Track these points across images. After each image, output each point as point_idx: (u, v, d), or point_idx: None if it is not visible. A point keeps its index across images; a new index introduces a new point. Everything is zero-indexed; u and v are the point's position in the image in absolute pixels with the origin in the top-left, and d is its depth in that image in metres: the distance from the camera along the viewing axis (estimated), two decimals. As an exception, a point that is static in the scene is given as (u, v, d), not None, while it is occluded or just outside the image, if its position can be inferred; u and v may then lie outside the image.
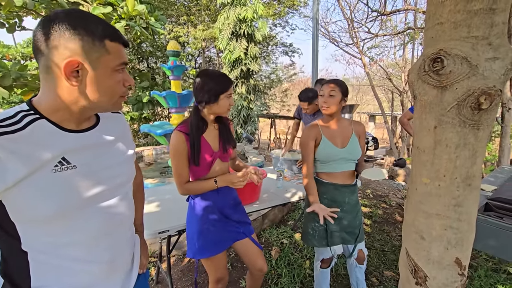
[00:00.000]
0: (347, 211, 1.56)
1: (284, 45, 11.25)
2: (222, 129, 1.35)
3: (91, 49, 0.60)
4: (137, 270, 0.87)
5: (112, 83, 0.65)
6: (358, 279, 1.71)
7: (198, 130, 1.25)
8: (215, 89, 1.21)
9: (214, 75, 1.25)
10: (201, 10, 8.89)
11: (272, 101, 12.78)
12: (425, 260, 0.84)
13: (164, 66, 3.92)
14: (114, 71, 0.65)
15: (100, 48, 0.61)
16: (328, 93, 1.46)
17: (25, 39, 12.73)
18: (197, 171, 1.29)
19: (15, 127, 0.58)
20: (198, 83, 1.23)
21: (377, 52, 8.90)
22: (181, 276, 2.14)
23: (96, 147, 0.71)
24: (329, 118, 1.55)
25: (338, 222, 1.53)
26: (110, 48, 0.63)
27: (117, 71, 0.66)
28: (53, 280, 0.66)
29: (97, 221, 0.71)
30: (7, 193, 0.56)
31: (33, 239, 0.63)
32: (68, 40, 0.58)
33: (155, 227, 1.48)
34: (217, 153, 1.32)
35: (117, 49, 0.65)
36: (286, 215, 3.19)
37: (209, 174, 1.32)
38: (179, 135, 1.22)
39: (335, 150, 1.51)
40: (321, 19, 7.81)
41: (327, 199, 1.55)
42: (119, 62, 0.65)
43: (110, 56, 0.63)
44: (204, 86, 1.21)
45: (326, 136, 1.52)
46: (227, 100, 1.25)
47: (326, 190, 1.56)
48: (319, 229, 1.55)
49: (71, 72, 0.59)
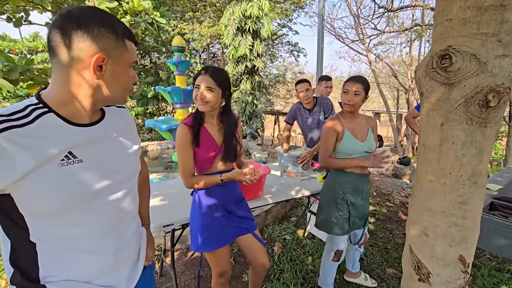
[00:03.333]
0: (365, 198, 1.70)
1: (290, 44, 11.17)
2: (227, 126, 1.35)
3: (115, 47, 0.64)
4: (143, 262, 0.89)
5: (127, 78, 0.70)
6: (355, 260, 1.96)
7: (196, 119, 1.31)
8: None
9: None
10: (207, 6, 8.86)
11: (276, 98, 12.75)
12: (429, 257, 0.84)
13: (169, 62, 3.93)
14: (129, 67, 0.70)
15: (121, 46, 0.66)
16: (353, 91, 1.54)
17: (31, 33, 12.81)
18: (201, 163, 1.31)
19: (24, 120, 0.59)
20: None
21: (383, 49, 8.82)
22: (184, 269, 2.16)
23: (102, 141, 0.72)
24: (349, 114, 1.64)
25: (359, 209, 1.68)
26: (128, 46, 0.68)
27: (130, 67, 0.71)
28: (60, 270, 0.68)
29: (103, 214, 0.72)
30: (16, 185, 0.57)
31: (41, 231, 0.64)
32: (96, 37, 0.61)
33: (160, 221, 1.50)
34: (221, 148, 1.33)
35: (133, 48, 0.70)
36: (289, 211, 3.21)
37: (212, 167, 1.34)
38: (183, 127, 1.28)
39: (357, 143, 1.61)
40: (327, 16, 7.74)
41: (350, 188, 1.65)
42: (134, 59, 0.71)
43: (128, 54, 0.68)
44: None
45: (348, 130, 1.62)
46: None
47: (351, 179, 1.65)
48: (343, 217, 1.65)
49: (97, 67, 0.63)
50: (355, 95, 1.53)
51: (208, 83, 1.24)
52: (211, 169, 1.35)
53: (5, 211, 0.61)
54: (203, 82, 1.24)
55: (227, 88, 1.31)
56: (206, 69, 1.27)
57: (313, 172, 2.45)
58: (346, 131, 1.60)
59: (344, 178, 1.65)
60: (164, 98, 4.66)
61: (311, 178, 2.26)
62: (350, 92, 1.54)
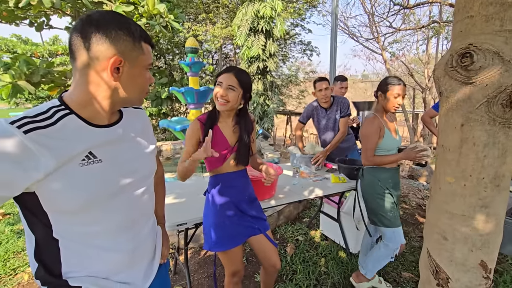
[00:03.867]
0: (399, 191, 1.83)
1: (302, 43, 11.09)
2: (243, 128, 1.35)
3: (132, 49, 0.66)
4: (158, 260, 0.90)
5: (144, 80, 0.72)
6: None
7: (211, 118, 1.33)
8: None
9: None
10: (219, 8, 8.93)
11: (289, 98, 12.68)
12: (448, 262, 0.81)
13: (183, 63, 3.99)
14: (146, 69, 0.72)
15: (138, 49, 0.68)
16: (404, 94, 1.69)
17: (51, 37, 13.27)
18: (211, 161, 1.33)
19: (47, 122, 0.61)
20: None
21: (399, 47, 8.59)
22: (197, 268, 2.19)
23: (120, 141, 0.74)
24: (384, 114, 1.78)
25: (398, 201, 1.82)
26: (144, 49, 0.70)
27: (147, 69, 0.72)
28: (81, 266, 0.70)
29: (121, 213, 0.74)
30: (39, 184, 0.60)
31: (63, 228, 0.66)
32: (114, 40, 0.63)
33: (174, 219, 1.52)
34: (232, 148, 1.34)
35: (149, 50, 0.72)
36: (302, 212, 3.18)
37: (222, 167, 1.35)
38: (196, 123, 1.32)
39: (395, 140, 1.75)
40: (340, 14, 7.63)
41: (392, 182, 1.77)
42: (150, 61, 0.72)
43: (144, 56, 0.70)
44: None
45: (387, 128, 1.74)
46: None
47: (391, 175, 1.77)
48: (395, 210, 1.76)
49: (115, 69, 0.64)
50: (403, 97, 1.70)
51: (231, 82, 1.24)
52: (221, 168, 1.36)
53: (30, 208, 0.63)
54: (226, 80, 1.24)
55: (248, 90, 1.31)
56: (231, 68, 1.27)
57: (326, 172, 2.42)
58: (386, 130, 1.72)
59: (385, 174, 1.76)
60: (178, 98, 4.73)
61: (324, 179, 2.24)
62: (403, 95, 1.68)
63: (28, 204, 0.63)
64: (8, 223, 2.88)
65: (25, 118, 0.59)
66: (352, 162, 2.42)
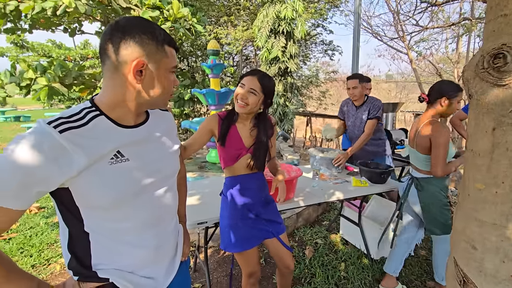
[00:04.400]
0: None
1: (324, 43, 10.91)
2: (260, 133, 1.34)
3: (155, 52, 0.69)
4: (180, 257, 0.93)
5: (167, 82, 0.74)
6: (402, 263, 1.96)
7: (229, 117, 1.34)
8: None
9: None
10: (240, 10, 9.02)
11: (309, 99, 12.52)
12: (477, 272, 0.77)
13: (204, 65, 4.07)
14: (169, 72, 0.74)
15: (161, 52, 0.70)
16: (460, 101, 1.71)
17: (82, 41, 14.06)
18: (225, 159, 1.34)
19: (80, 122, 0.65)
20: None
21: (426, 46, 8.23)
22: (216, 266, 2.23)
23: (146, 141, 0.78)
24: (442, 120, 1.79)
25: None
26: (168, 52, 0.72)
27: (171, 72, 0.74)
28: (109, 259, 0.74)
29: (146, 210, 0.77)
30: (73, 181, 0.64)
31: (93, 223, 0.71)
32: (138, 44, 0.66)
33: (194, 218, 1.56)
34: (246, 150, 1.34)
35: (173, 54, 0.74)
36: (321, 215, 3.14)
37: (235, 166, 1.35)
38: (215, 117, 1.34)
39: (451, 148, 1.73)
40: (363, 13, 7.45)
41: (447, 188, 1.78)
42: (174, 64, 0.74)
43: (168, 59, 0.72)
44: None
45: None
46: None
47: (448, 181, 1.78)
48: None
49: (137, 71, 0.67)
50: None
51: (253, 85, 1.24)
52: (236, 170, 1.36)
53: (64, 203, 0.68)
54: (249, 83, 1.24)
55: (270, 96, 1.30)
56: (256, 72, 1.27)
57: (347, 175, 2.37)
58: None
59: (446, 181, 1.76)
60: (199, 100, 4.84)
61: (344, 181, 2.20)
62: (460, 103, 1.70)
63: (63, 199, 0.67)
64: (43, 216, 3.09)
65: (61, 118, 0.64)
66: (375, 165, 2.36)
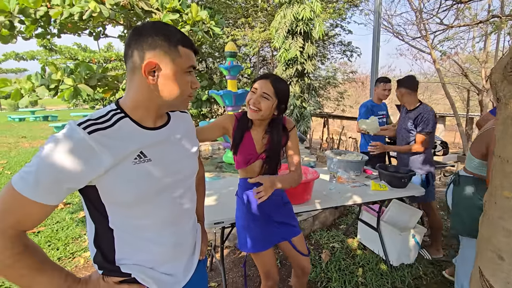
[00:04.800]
0: None
1: (342, 44, 10.71)
2: (273, 141, 1.28)
3: (166, 53, 0.70)
4: (198, 256, 0.95)
5: (182, 83, 0.74)
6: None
7: (243, 123, 1.28)
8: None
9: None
10: (258, 12, 9.06)
11: (327, 100, 12.35)
12: (504, 283, 0.74)
13: (222, 67, 4.12)
14: (184, 72, 0.74)
15: (174, 52, 0.71)
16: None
17: (106, 44, 14.65)
18: (238, 160, 1.33)
19: (106, 124, 0.69)
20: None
21: (451, 45, 7.88)
22: (232, 266, 2.25)
23: (167, 143, 0.81)
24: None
25: None
26: (182, 53, 0.72)
27: (186, 73, 0.75)
28: (131, 255, 0.77)
29: (166, 209, 0.80)
30: (100, 179, 0.67)
31: (117, 219, 0.74)
32: (150, 45, 0.69)
33: (211, 218, 1.58)
34: (259, 155, 1.30)
35: (188, 54, 0.74)
36: (338, 218, 3.09)
37: (247, 168, 1.34)
38: (232, 116, 1.31)
39: None
40: (384, 12, 7.25)
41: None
42: (188, 64, 0.74)
43: (181, 59, 0.72)
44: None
45: None
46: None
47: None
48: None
49: (149, 71, 0.70)
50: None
51: (266, 89, 1.18)
52: (246, 170, 1.35)
53: (92, 200, 0.72)
54: (262, 87, 1.18)
55: (284, 101, 1.24)
56: (268, 75, 1.21)
57: (365, 179, 2.32)
58: None
59: (484, 184, 1.68)
60: (216, 100, 4.90)
61: (363, 185, 2.15)
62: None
63: (90, 196, 0.71)
64: (68, 211, 3.24)
65: (89, 120, 0.68)
66: (394, 169, 2.29)
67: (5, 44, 3.91)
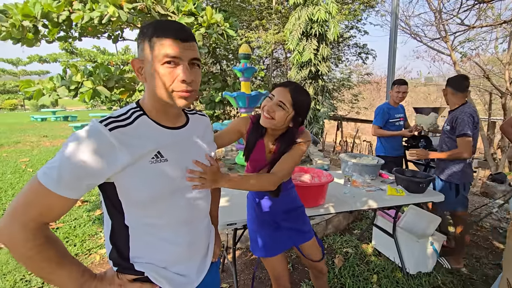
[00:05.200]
0: None
1: (357, 46, 10.54)
2: (280, 148, 1.19)
3: (143, 49, 0.72)
4: (211, 257, 0.95)
5: (159, 76, 0.69)
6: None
7: (257, 129, 1.21)
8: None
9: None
10: (272, 14, 9.07)
11: (341, 103, 12.17)
12: (535, 298, 0.69)
13: (236, 69, 4.14)
14: (161, 65, 0.69)
15: (148, 46, 0.70)
16: None
17: (123, 47, 15.08)
18: (248, 167, 1.31)
19: (126, 121, 0.71)
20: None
21: (472, 47, 7.60)
22: (244, 268, 2.23)
23: (184, 144, 0.81)
24: None
25: None
26: (155, 44, 0.69)
27: (164, 64, 0.69)
28: (144, 253, 0.78)
29: (181, 209, 0.80)
30: (117, 176, 0.69)
31: (132, 217, 0.75)
32: (138, 45, 0.73)
33: (224, 219, 1.58)
34: (266, 163, 1.22)
35: (163, 44, 0.68)
36: (352, 223, 3.02)
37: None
38: (248, 119, 1.24)
39: None
40: (401, 13, 7.09)
41: None
42: (162, 55, 0.68)
43: (155, 52, 0.69)
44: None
45: None
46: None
47: None
48: None
49: (137, 71, 0.73)
50: None
51: (283, 98, 1.09)
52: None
53: (110, 197, 0.73)
54: (279, 95, 1.10)
55: (302, 114, 1.14)
56: (288, 84, 1.13)
57: (381, 183, 2.26)
58: None
59: None
60: (229, 102, 4.93)
61: (379, 189, 2.10)
62: None
63: (109, 193, 0.72)
64: (85, 209, 3.34)
65: (111, 118, 0.69)
66: (412, 173, 2.22)
67: (30, 47, 4.08)
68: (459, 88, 2.17)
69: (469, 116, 2.07)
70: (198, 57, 0.73)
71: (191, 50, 0.71)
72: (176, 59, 0.69)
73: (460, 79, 2.21)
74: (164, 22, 0.71)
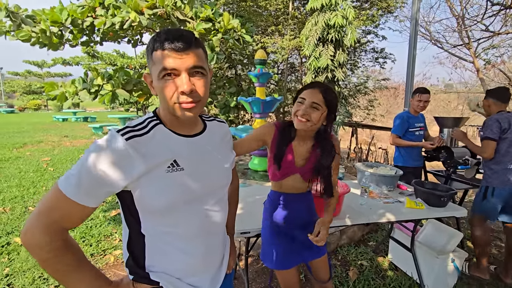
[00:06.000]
0: None
1: (375, 51, 10.34)
2: (322, 151, 1.20)
3: (149, 64, 0.72)
4: (225, 269, 0.93)
5: (160, 89, 0.70)
6: None
7: (286, 134, 1.20)
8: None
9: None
10: (288, 19, 9.07)
11: (356, 109, 11.96)
12: None
13: (251, 74, 4.16)
14: (160, 78, 0.69)
15: (150, 61, 0.71)
16: None
17: (142, 51, 15.49)
18: (275, 173, 1.25)
19: (143, 131, 0.71)
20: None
21: (496, 54, 7.32)
22: (255, 277, 2.21)
23: (201, 152, 0.80)
24: None
25: None
26: (154, 59, 0.69)
27: (163, 78, 0.68)
28: (159, 263, 0.78)
29: (197, 219, 0.79)
30: (134, 185, 0.69)
31: (148, 226, 0.75)
32: (147, 59, 0.74)
33: (237, 227, 1.55)
34: (297, 169, 1.23)
35: (159, 58, 0.67)
36: (367, 234, 2.94)
37: (282, 182, 1.27)
38: (272, 126, 1.24)
39: None
40: (421, 19, 6.91)
41: None
42: (159, 69, 0.68)
43: (155, 66, 0.69)
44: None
45: None
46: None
47: None
48: None
49: (149, 84, 0.74)
50: None
51: (316, 99, 1.11)
52: (280, 184, 1.27)
53: (127, 205, 0.73)
54: (311, 96, 1.11)
55: (333, 110, 1.16)
56: (316, 84, 1.15)
57: (399, 195, 2.19)
58: None
59: None
60: (244, 107, 4.94)
61: (397, 201, 2.03)
62: None
63: (126, 201, 0.73)
64: (102, 209, 3.41)
65: (128, 127, 0.70)
66: (432, 186, 2.14)
67: (55, 51, 4.26)
68: (503, 99, 2.19)
69: (495, 121, 2.10)
70: (199, 64, 0.70)
71: (190, 59, 0.68)
72: (174, 70, 0.68)
73: (503, 90, 2.23)
74: (163, 33, 0.68)
